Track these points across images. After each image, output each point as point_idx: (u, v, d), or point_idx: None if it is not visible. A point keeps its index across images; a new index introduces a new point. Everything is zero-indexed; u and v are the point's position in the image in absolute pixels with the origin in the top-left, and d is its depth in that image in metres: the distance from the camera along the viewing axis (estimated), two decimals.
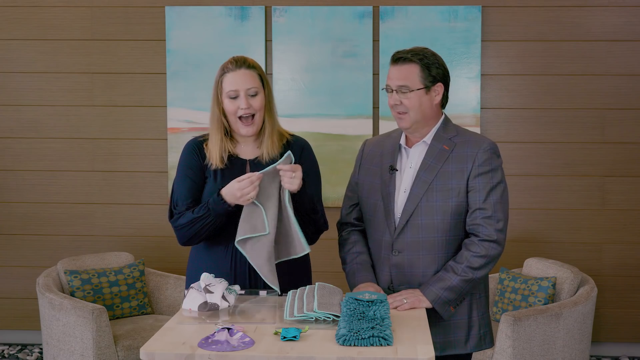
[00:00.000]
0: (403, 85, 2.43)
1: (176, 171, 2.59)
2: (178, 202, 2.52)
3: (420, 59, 2.44)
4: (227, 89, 2.48)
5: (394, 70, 2.46)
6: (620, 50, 4.45)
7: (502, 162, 2.50)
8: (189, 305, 2.23)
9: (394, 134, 2.62)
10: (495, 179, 2.44)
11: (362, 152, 2.67)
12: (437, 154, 2.46)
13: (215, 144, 2.52)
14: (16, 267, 4.74)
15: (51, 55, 4.64)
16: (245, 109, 2.46)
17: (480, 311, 2.52)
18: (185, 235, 2.49)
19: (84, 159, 4.67)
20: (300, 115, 4.50)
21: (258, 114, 2.50)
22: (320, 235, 2.61)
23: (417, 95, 2.43)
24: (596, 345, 4.57)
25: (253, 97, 2.48)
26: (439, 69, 2.46)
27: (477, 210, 2.42)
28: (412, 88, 2.43)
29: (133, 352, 3.71)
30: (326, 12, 4.50)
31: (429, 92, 2.45)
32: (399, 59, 2.45)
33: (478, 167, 2.43)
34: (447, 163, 2.45)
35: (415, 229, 2.44)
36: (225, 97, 2.49)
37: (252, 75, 2.49)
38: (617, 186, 4.50)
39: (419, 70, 2.43)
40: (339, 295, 2.28)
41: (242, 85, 2.47)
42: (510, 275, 4.07)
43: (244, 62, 2.50)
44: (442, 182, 2.43)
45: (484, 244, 2.40)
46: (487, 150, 2.45)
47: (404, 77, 2.43)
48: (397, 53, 2.48)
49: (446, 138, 2.49)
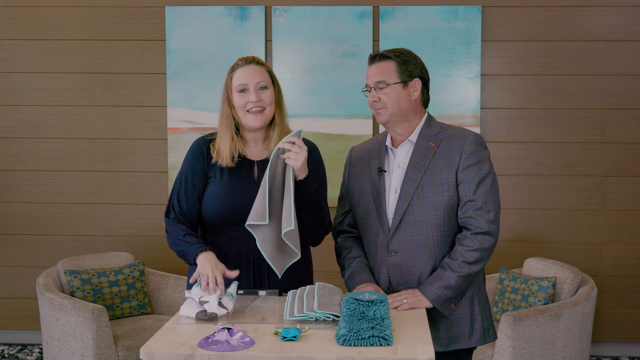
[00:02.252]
0: (380, 81, 2.46)
1: (180, 167, 2.59)
2: (176, 204, 2.54)
3: (396, 56, 2.48)
4: (237, 83, 2.48)
5: (371, 69, 2.51)
6: (620, 50, 4.45)
7: (489, 154, 2.50)
8: (187, 312, 2.22)
9: (380, 137, 2.64)
10: (484, 170, 2.45)
11: (349, 159, 2.68)
12: (423, 151, 2.47)
13: (226, 141, 2.51)
14: (16, 267, 4.74)
15: (51, 55, 4.64)
16: (255, 102, 2.46)
17: (481, 305, 2.53)
18: (169, 244, 2.53)
19: (84, 159, 4.67)
20: (300, 115, 4.50)
21: (268, 108, 2.49)
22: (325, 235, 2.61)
23: (394, 89, 2.46)
24: (596, 345, 4.57)
25: (263, 90, 2.49)
26: (416, 66, 2.50)
27: (468, 203, 2.42)
28: (389, 82, 2.46)
29: (133, 352, 3.71)
30: (326, 12, 4.50)
31: (406, 87, 2.48)
32: (375, 57, 2.50)
33: (465, 160, 2.43)
34: (434, 159, 2.46)
35: (409, 228, 2.45)
36: (235, 91, 2.49)
37: (261, 71, 2.51)
38: (617, 186, 4.50)
39: (395, 66, 2.47)
40: (339, 295, 2.28)
41: (252, 79, 2.48)
42: (510, 275, 4.07)
43: (252, 59, 2.53)
44: (432, 178, 2.44)
45: (477, 237, 2.41)
46: (472, 143, 2.46)
47: (380, 73, 2.47)
48: (373, 53, 2.54)
49: (431, 135, 2.50)
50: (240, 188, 2.50)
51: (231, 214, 2.48)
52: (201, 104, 4.53)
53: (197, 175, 2.54)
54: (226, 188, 2.50)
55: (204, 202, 2.53)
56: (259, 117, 2.48)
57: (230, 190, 2.50)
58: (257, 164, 2.54)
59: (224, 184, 2.51)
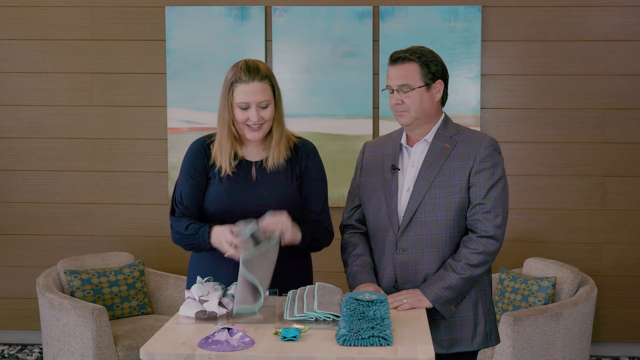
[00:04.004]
0: (404, 84, 2.45)
1: (180, 169, 2.60)
2: (180, 200, 2.55)
3: (418, 57, 2.46)
4: (239, 100, 2.46)
5: (393, 70, 2.48)
6: (620, 50, 4.45)
7: (503, 160, 2.51)
8: (186, 312, 2.22)
9: (394, 134, 2.64)
10: (496, 175, 2.45)
11: (362, 155, 2.68)
12: (438, 151, 2.48)
13: (226, 151, 2.52)
14: (16, 267, 4.74)
15: (51, 55, 4.64)
16: (255, 121, 2.47)
17: (485, 308, 2.52)
18: (175, 240, 2.55)
19: (84, 159, 4.67)
20: (300, 115, 4.51)
21: (267, 123, 2.51)
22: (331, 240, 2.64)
23: (419, 93, 2.45)
24: (596, 345, 4.57)
25: (264, 109, 2.49)
26: (437, 66, 2.49)
27: (477, 206, 2.43)
28: (413, 86, 2.45)
29: (133, 352, 3.71)
30: (326, 12, 4.50)
31: (429, 90, 2.47)
32: (398, 59, 2.47)
33: (479, 164, 2.44)
34: (448, 160, 2.46)
35: (419, 227, 2.45)
36: (236, 106, 2.48)
37: (264, 88, 2.48)
38: (617, 186, 4.50)
39: (418, 68, 2.45)
40: (339, 295, 2.28)
41: (254, 98, 2.46)
42: (510, 275, 4.07)
43: (257, 72, 2.47)
44: (445, 179, 2.44)
45: (482, 241, 2.41)
46: (488, 147, 2.46)
47: (404, 76, 2.45)
48: (395, 53, 2.50)
49: (447, 136, 2.50)
50: (238, 189, 2.51)
51: (230, 215, 2.48)
52: (201, 104, 4.53)
53: (199, 172, 2.55)
54: (225, 189, 2.52)
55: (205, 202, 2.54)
56: (257, 132, 2.50)
57: (229, 191, 2.51)
58: (255, 165, 2.55)
59: (223, 185, 2.52)
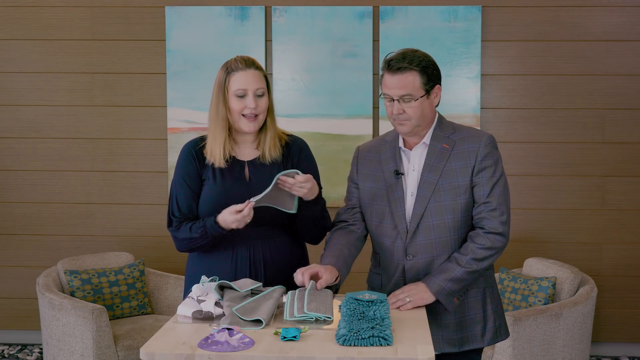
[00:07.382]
0: (406, 95, 2.40)
1: (173, 176, 2.59)
2: (177, 209, 2.54)
3: (417, 65, 2.40)
4: (235, 87, 2.47)
5: (393, 80, 2.40)
6: (620, 50, 4.45)
7: (500, 155, 2.51)
8: (184, 311, 2.23)
9: (388, 137, 2.59)
10: (498, 173, 2.45)
11: (356, 159, 2.63)
12: (438, 153, 2.46)
13: (220, 143, 2.51)
14: (16, 267, 4.74)
15: (51, 55, 4.64)
16: (252, 108, 2.47)
17: (494, 304, 2.53)
18: (183, 247, 2.54)
19: (84, 159, 4.67)
20: (300, 115, 4.50)
21: (262, 114, 2.51)
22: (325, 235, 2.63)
23: (420, 102, 2.42)
24: (596, 345, 4.57)
25: (260, 97, 2.49)
26: (434, 70, 2.46)
27: (483, 204, 2.43)
28: (416, 97, 2.41)
29: (133, 352, 3.71)
30: (326, 12, 4.50)
31: (429, 97, 2.45)
32: (398, 68, 2.39)
33: (481, 162, 2.44)
34: (449, 161, 2.45)
35: (427, 231, 2.44)
36: (232, 95, 2.48)
37: (260, 76, 2.51)
38: (617, 186, 4.50)
39: (419, 77, 2.40)
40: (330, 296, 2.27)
41: (252, 85, 2.48)
42: (510, 275, 4.07)
43: (252, 62, 2.51)
44: (448, 181, 2.43)
45: (490, 236, 2.41)
46: (487, 145, 2.46)
47: (405, 86, 2.39)
48: (393, 62, 2.40)
49: (444, 136, 2.48)
50: (233, 189, 2.51)
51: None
52: (201, 104, 4.52)
53: (193, 177, 2.54)
54: (219, 189, 2.51)
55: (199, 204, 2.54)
56: (253, 123, 2.50)
57: (223, 191, 2.51)
58: (248, 164, 2.55)
59: (217, 186, 2.51)
